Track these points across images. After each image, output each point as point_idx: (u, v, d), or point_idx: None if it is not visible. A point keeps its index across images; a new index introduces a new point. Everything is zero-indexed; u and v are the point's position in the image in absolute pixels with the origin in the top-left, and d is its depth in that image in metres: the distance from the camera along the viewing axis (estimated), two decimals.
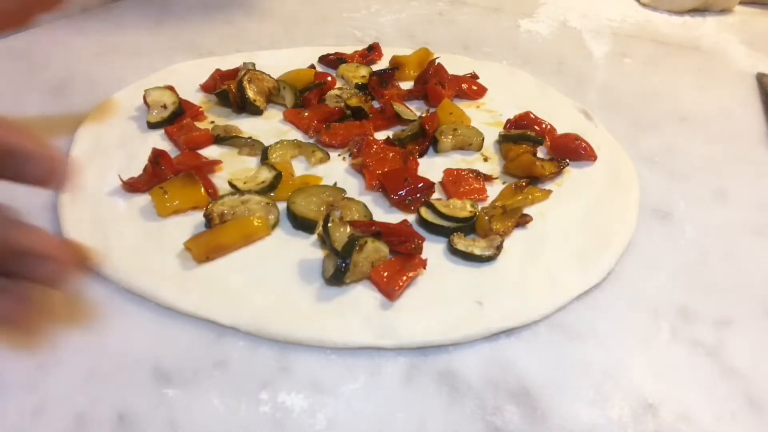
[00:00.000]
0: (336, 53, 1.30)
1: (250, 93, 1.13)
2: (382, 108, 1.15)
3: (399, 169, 1.00)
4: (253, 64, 1.24)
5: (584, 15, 1.71)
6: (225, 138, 1.05)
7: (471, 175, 1.00)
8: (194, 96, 1.18)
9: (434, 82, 1.20)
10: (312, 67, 1.26)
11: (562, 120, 1.16)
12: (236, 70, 1.20)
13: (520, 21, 1.65)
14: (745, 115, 1.30)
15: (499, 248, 0.87)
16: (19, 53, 1.35)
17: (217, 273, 0.83)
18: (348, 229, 0.85)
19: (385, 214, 0.94)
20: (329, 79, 1.21)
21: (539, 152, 1.07)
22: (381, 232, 0.86)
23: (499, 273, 0.86)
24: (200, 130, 1.06)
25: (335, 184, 0.97)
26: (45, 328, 0.73)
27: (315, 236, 0.89)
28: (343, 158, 1.05)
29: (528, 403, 0.71)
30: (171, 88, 1.14)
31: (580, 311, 0.83)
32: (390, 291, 0.80)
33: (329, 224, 0.84)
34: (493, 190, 0.99)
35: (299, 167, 1.03)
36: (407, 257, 0.84)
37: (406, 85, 1.26)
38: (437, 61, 1.28)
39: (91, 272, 0.82)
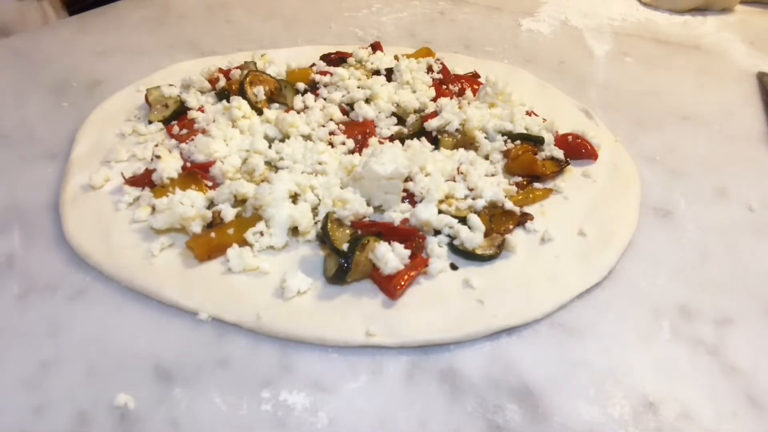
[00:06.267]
0: (337, 52, 1.30)
1: (251, 95, 1.13)
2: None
3: None
4: (254, 64, 1.24)
5: (585, 14, 1.71)
6: None
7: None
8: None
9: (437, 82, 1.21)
10: (313, 65, 1.26)
11: (564, 119, 1.16)
12: (239, 68, 1.20)
13: (522, 20, 1.65)
14: (746, 114, 1.30)
15: (500, 247, 0.88)
16: (21, 52, 1.35)
17: (219, 271, 0.84)
18: (347, 230, 0.86)
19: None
20: (330, 77, 1.21)
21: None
22: (382, 232, 0.86)
23: (500, 272, 0.86)
24: None
25: None
26: None
27: (315, 235, 0.89)
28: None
29: (529, 402, 0.72)
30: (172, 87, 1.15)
31: (581, 310, 0.83)
32: (392, 290, 0.80)
33: (327, 225, 0.84)
34: None
35: None
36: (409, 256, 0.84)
37: None
38: (439, 59, 1.28)
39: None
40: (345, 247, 0.82)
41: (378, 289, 0.82)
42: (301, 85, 1.19)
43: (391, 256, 0.81)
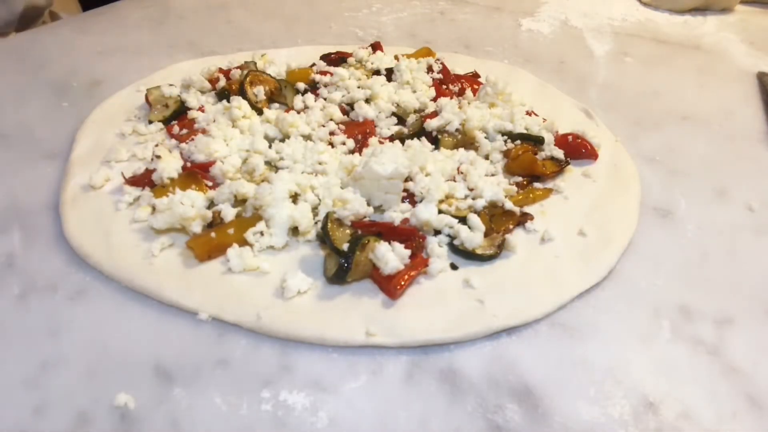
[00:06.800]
0: (338, 52, 1.30)
1: (251, 95, 1.13)
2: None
3: None
4: (254, 64, 1.24)
5: (585, 14, 1.71)
6: None
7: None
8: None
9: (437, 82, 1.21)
10: (313, 65, 1.26)
11: (564, 119, 1.16)
12: (239, 68, 1.21)
13: (522, 20, 1.65)
14: (746, 114, 1.30)
15: (500, 247, 0.88)
16: (22, 52, 1.35)
17: (219, 271, 0.84)
18: (347, 230, 0.86)
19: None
20: (330, 77, 1.21)
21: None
22: (382, 231, 0.86)
23: (500, 272, 0.86)
24: None
25: None
26: None
27: (315, 235, 0.89)
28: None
29: (529, 402, 0.72)
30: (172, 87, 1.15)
31: (581, 310, 0.83)
32: (392, 290, 0.80)
33: (327, 225, 0.84)
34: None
35: None
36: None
37: None
38: (439, 59, 1.28)
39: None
40: (345, 247, 0.82)
41: (378, 289, 0.82)
42: (301, 85, 1.19)
43: (391, 256, 0.81)
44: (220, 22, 1.54)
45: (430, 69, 1.26)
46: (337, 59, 1.28)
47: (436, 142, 1.07)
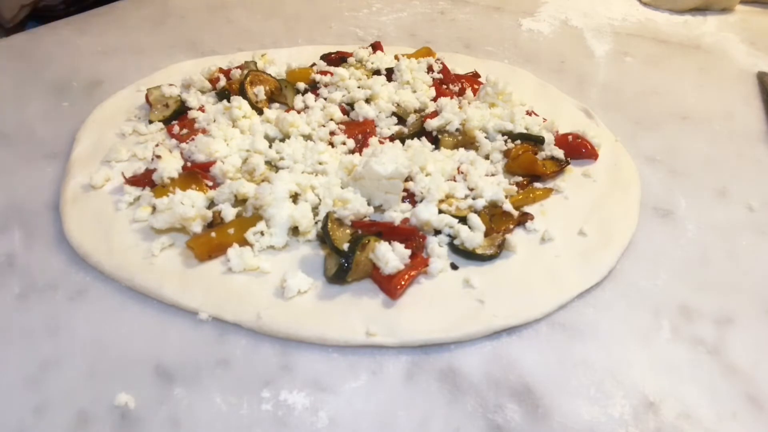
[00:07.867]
0: (338, 52, 1.30)
1: (252, 95, 1.13)
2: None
3: None
4: (255, 63, 1.24)
5: (585, 14, 1.71)
6: None
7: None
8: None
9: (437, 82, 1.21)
10: (313, 65, 1.26)
11: (564, 119, 1.16)
12: (239, 68, 1.21)
13: (522, 20, 1.65)
14: (746, 114, 1.30)
15: (500, 247, 0.88)
16: (22, 52, 1.35)
17: (219, 271, 0.84)
18: (348, 230, 0.86)
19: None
20: (330, 77, 1.21)
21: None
22: (382, 231, 0.86)
23: (501, 271, 0.86)
24: None
25: None
26: None
27: (315, 235, 0.89)
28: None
29: (529, 402, 0.72)
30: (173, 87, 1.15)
31: (582, 310, 0.83)
32: (392, 289, 0.80)
33: (327, 225, 0.84)
34: None
35: None
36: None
37: None
38: (439, 59, 1.28)
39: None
40: (345, 246, 0.82)
41: (378, 289, 0.82)
42: (301, 85, 1.20)
43: (391, 255, 0.81)
44: (220, 22, 1.54)
45: (430, 69, 1.26)
46: (337, 59, 1.28)
47: (436, 142, 1.07)
